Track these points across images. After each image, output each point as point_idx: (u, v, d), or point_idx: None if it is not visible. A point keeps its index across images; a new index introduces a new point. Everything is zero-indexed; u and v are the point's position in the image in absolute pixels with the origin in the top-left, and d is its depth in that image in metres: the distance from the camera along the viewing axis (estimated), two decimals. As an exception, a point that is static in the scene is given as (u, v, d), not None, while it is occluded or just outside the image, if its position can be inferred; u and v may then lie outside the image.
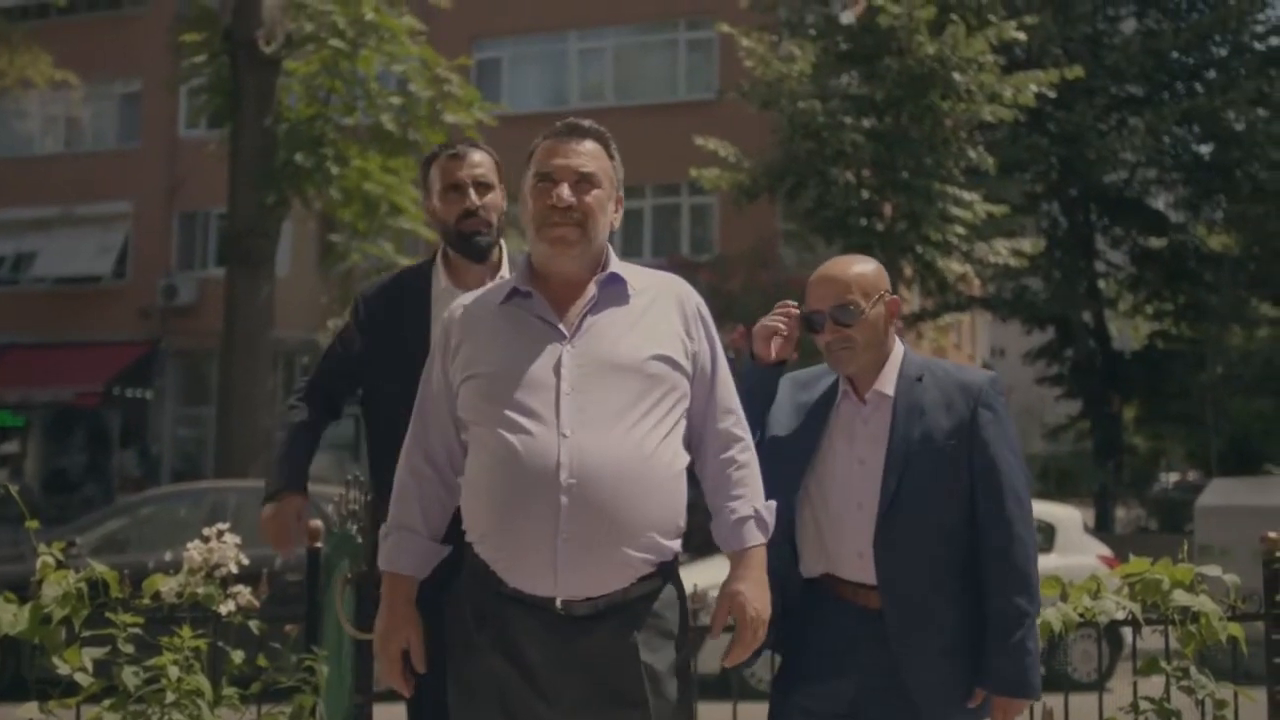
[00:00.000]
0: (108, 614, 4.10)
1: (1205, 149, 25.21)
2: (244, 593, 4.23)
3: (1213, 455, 24.91)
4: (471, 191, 3.67)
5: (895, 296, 3.44)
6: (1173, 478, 38.90)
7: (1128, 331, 32.11)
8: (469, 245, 3.67)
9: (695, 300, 3.12)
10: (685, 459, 2.99)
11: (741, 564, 3.03)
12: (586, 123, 3.06)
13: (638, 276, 3.06)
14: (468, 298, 3.12)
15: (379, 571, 3.12)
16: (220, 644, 4.23)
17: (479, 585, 2.90)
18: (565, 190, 2.93)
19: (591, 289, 2.99)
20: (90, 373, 26.91)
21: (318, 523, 4.30)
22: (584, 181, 2.97)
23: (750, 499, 3.07)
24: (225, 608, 4.19)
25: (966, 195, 16.59)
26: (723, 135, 18.17)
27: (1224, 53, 25.34)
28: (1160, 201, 27.86)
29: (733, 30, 17.13)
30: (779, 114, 17.07)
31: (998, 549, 3.26)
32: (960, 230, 16.62)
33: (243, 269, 14.46)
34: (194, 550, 4.18)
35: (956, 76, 15.93)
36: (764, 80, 17.08)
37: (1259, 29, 25.56)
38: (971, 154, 16.61)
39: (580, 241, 2.95)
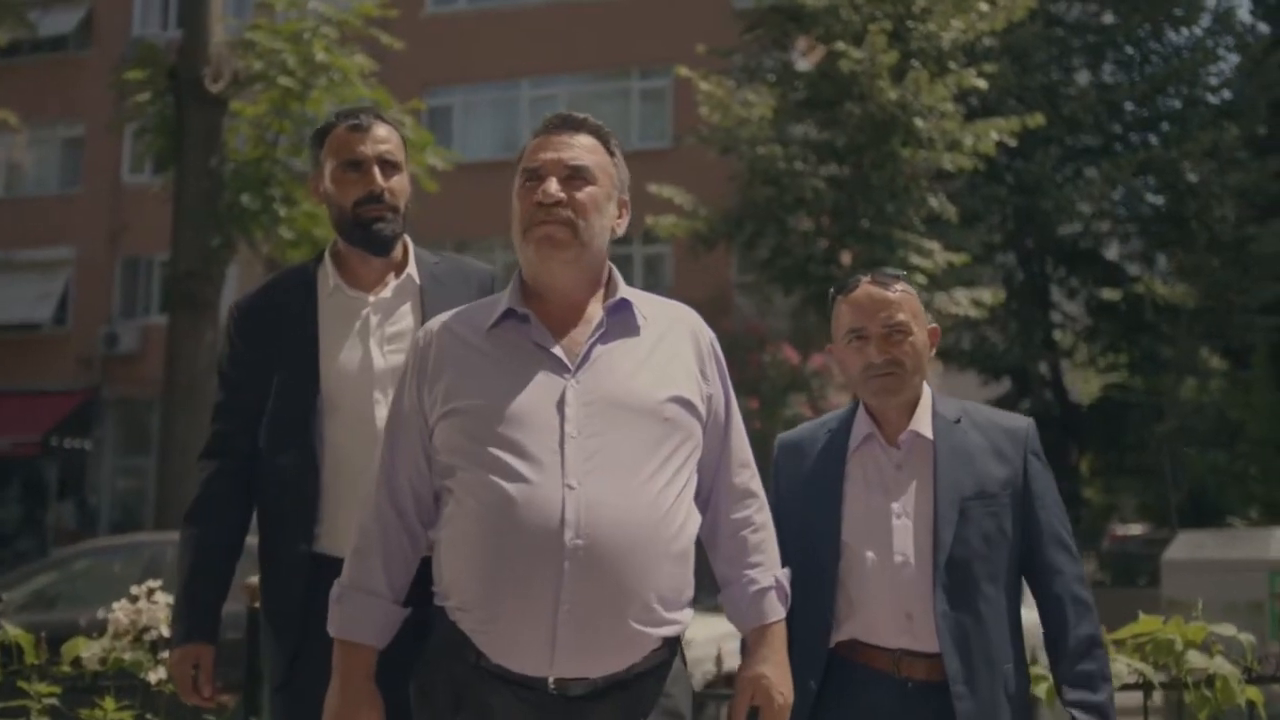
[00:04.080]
0: (20, 683, 3.66)
1: (1160, 199, 25.26)
2: (176, 658, 3.78)
3: (1171, 508, 24.78)
4: (375, 170, 3.09)
5: (936, 325, 3.10)
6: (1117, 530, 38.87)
7: (1081, 384, 32.06)
8: (368, 235, 3.09)
9: (709, 336, 2.72)
10: (698, 520, 2.58)
11: (763, 643, 2.63)
12: (582, 115, 2.65)
13: (647, 304, 2.66)
14: (447, 315, 2.67)
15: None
16: (148, 716, 3.76)
17: (455, 658, 2.46)
18: (553, 184, 2.53)
19: (598, 314, 2.57)
20: (27, 422, 26.23)
21: (254, 579, 3.88)
22: (576, 177, 2.56)
23: (769, 566, 2.68)
24: (154, 675, 3.73)
25: (927, 244, 16.40)
26: (676, 184, 17.94)
27: (1178, 105, 25.45)
28: (1115, 252, 27.89)
29: (692, 74, 16.89)
30: (738, 160, 16.84)
31: (1062, 612, 2.96)
32: (921, 279, 16.40)
33: (186, 313, 13.96)
34: (120, 611, 3.73)
35: (918, 123, 15.75)
36: (723, 126, 16.86)
37: (1212, 81, 25.73)
38: (933, 202, 16.41)
39: (572, 244, 2.53)
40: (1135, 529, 33.94)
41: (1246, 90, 24.86)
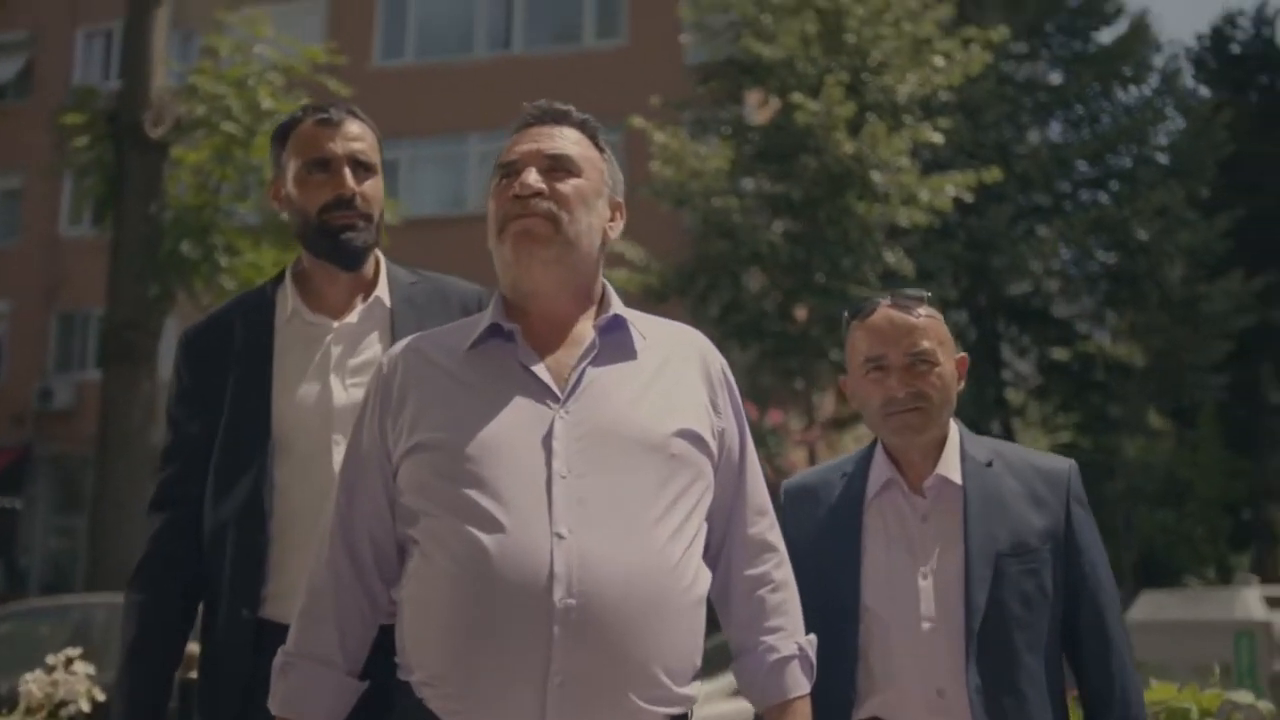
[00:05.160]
0: (-85, 768, 3.23)
1: (1111, 257, 25.33)
2: (98, 737, 3.35)
3: (1125, 568, 24.67)
4: (346, 171, 2.69)
5: (964, 354, 2.74)
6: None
7: (1030, 443, 32.08)
8: (336, 245, 2.68)
9: (720, 362, 2.34)
10: (708, 576, 2.20)
11: None
12: (565, 106, 2.31)
13: (645, 324, 2.29)
14: (416, 336, 2.29)
15: None
16: (63, 804, 3.34)
17: None
18: (531, 175, 2.17)
19: (588, 334, 2.20)
20: (-44, 480, 25.50)
21: (194, 646, 3.46)
22: (558, 168, 2.20)
23: (791, 632, 2.29)
24: (72, 757, 3.32)
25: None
26: (628, 238, 17.71)
27: (1128, 163, 25.58)
28: (1067, 310, 27.94)
29: (646, 124, 16.66)
30: (692, 212, 16.62)
31: (1106, 684, 2.58)
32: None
33: (122, 366, 13.49)
34: (33, 683, 3.29)
35: (875, 176, 15.58)
36: (676, 179, 16.64)
37: (1162, 141, 25.93)
38: (889, 257, 16.23)
39: (554, 239, 2.16)
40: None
41: (1194, 150, 25.05)
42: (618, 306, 2.27)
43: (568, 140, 2.27)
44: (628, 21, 24.76)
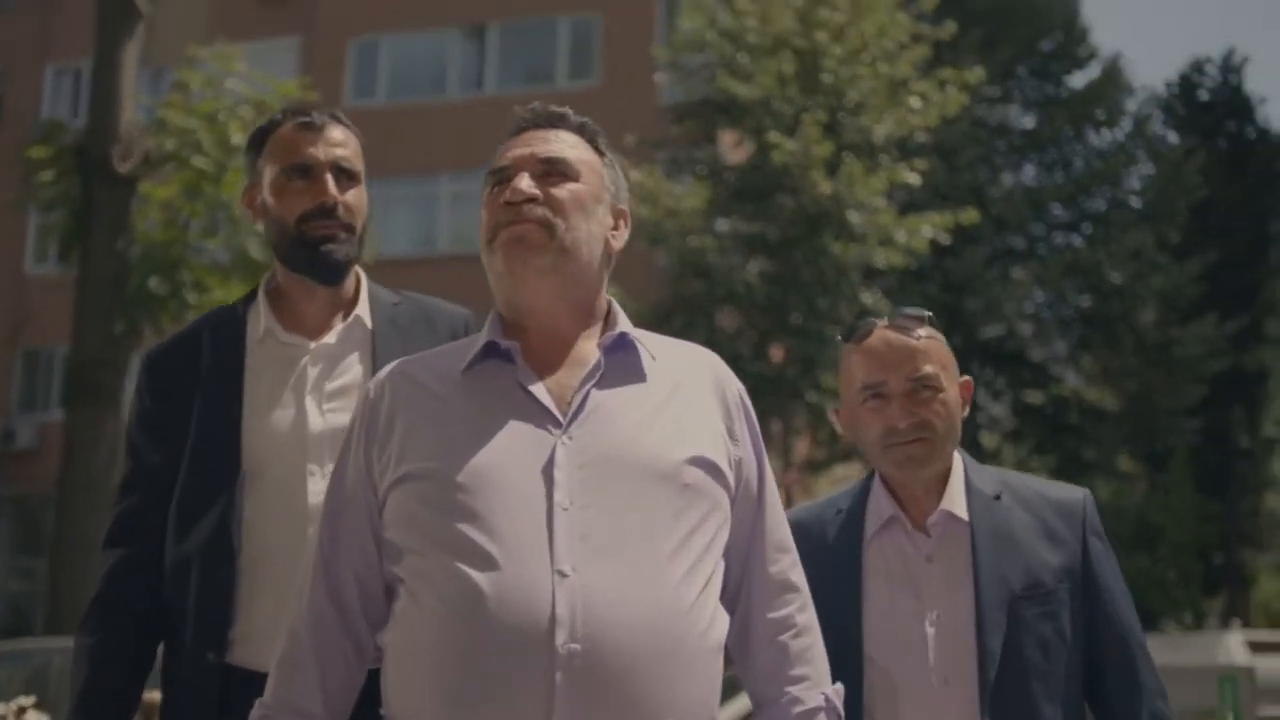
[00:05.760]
0: None
1: (1084, 300, 25.40)
2: (52, 790, 3.14)
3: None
4: (328, 178, 2.53)
5: (968, 378, 2.56)
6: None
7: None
8: (315, 258, 2.51)
9: (737, 387, 2.15)
10: (726, 619, 2.00)
11: None
12: (561, 109, 2.15)
13: (656, 344, 2.11)
14: (406, 360, 2.11)
15: None
16: None
17: None
18: (524, 180, 2.01)
19: (593, 354, 2.02)
20: (-86, 522, 25.10)
21: (155, 694, 3.25)
22: (553, 172, 2.04)
23: (817, 681, 2.09)
24: (23, 812, 3.10)
25: (859, 341, 16.15)
26: (602, 277, 17.63)
27: (1102, 206, 25.71)
28: (1041, 354, 28.03)
29: (624, 163, 16.62)
30: (668, 251, 16.53)
31: None
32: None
33: (86, 404, 13.22)
34: (-17, 734, 3.09)
35: (852, 217, 15.53)
36: (652, 218, 16.56)
37: (1135, 185, 26.08)
38: (866, 298, 16.15)
39: (548, 246, 1.99)
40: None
41: (1166, 194, 25.21)
42: (625, 324, 2.10)
43: (564, 143, 2.13)
44: (600, 62, 24.73)
